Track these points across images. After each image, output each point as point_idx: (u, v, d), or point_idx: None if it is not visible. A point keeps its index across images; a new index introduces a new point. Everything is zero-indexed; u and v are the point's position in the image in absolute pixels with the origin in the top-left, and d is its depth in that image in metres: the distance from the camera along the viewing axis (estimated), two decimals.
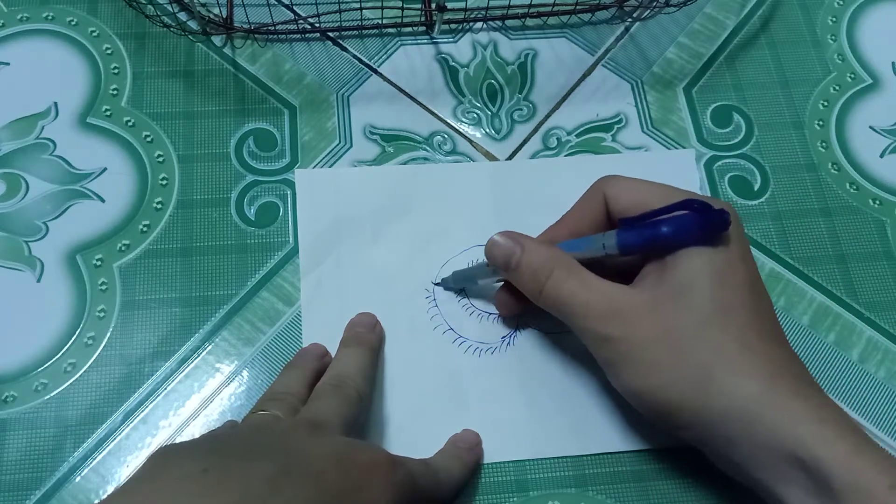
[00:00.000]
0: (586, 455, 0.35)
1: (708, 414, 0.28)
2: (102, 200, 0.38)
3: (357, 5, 0.43)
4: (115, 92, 0.41)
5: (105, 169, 0.39)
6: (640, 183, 0.32)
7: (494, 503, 0.34)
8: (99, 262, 0.37)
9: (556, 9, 0.44)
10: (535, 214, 0.39)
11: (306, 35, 0.43)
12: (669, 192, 0.31)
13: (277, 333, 0.36)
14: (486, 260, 0.34)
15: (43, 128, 0.40)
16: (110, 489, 0.33)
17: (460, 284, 0.38)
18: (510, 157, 0.41)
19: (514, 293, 0.34)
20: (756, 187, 0.41)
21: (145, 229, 0.38)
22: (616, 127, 0.42)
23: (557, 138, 0.42)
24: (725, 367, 0.28)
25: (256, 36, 0.43)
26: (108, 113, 0.40)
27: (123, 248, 0.38)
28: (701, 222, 0.29)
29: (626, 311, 0.30)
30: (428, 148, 0.41)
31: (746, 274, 0.29)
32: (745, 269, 0.29)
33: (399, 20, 0.44)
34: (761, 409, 0.27)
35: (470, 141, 0.41)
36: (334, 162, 0.40)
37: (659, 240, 0.29)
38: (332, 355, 0.35)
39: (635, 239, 0.30)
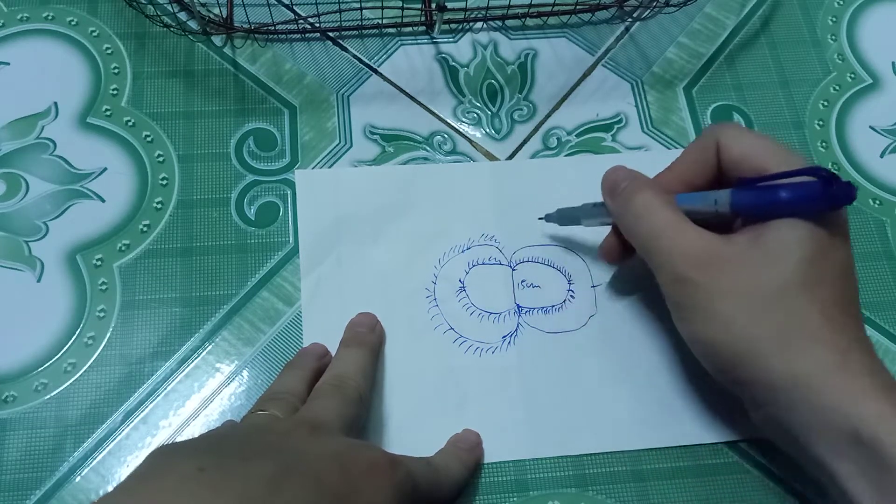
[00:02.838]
0: (586, 455, 0.35)
1: (775, 374, 0.28)
2: (102, 200, 0.38)
3: (357, 5, 0.43)
4: (115, 92, 0.41)
5: (105, 169, 0.39)
6: (756, 137, 0.31)
7: (494, 503, 0.34)
8: (99, 262, 0.37)
9: (556, 9, 0.44)
10: (536, 214, 0.39)
11: (306, 35, 0.43)
12: (786, 154, 0.30)
13: (277, 333, 0.36)
14: (590, 202, 0.35)
15: (43, 128, 0.40)
16: (110, 489, 0.33)
17: (564, 223, 0.38)
18: (510, 157, 0.41)
19: (620, 239, 0.35)
20: None
21: (145, 229, 0.38)
22: (616, 127, 0.42)
23: (557, 138, 0.42)
24: (804, 333, 0.28)
25: (256, 36, 0.43)
26: (108, 113, 0.40)
27: (123, 248, 0.38)
28: (826, 193, 0.28)
29: (715, 260, 0.29)
30: (428, 148, 0.41)
31: (844, 254, 0.30)
32: (843, 250, 0.30)
33: (399, 20, 0.44)
34: (829, 378, 0.27)
35: (470, 141, 0.41)
36: (334, 162, 0.40)
37: (776, 204, 0.29)
38: (333, 355, 0.35)
39: (751, 200, 0.29)
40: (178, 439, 0.34)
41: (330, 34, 0.44)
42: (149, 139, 0.40)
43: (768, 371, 0.29)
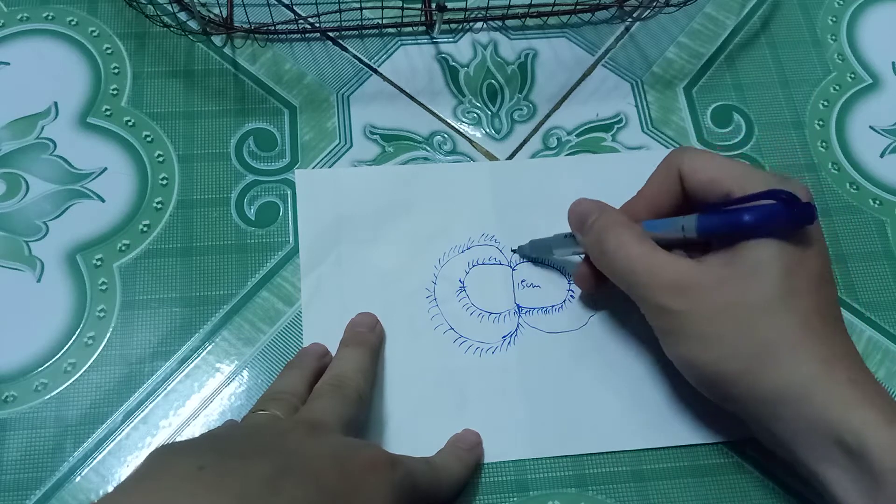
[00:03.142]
0: (586, 455, 0.35)
1: (761, 389, 0.29)
2: (102, 200, 0.38)
3: (357, 5, 0.43)
4: (115, 92, 0.41)
5: (105, 169, 0.39)
6: (716, 159, 0.32)
7: (494, 503, 0.34)
8: (99, 262, 0.37)
9: (556, 9, 0.44)
10: (535, 214, 0.39)
11: (306, 35, 0.43)
12: (748, 173, 0.31)
13: (277, 333, 0.36)
14: (561, 233, 0.36)
15: (43, 128, 0.40)
16: (110, 489, 0.33)
17: (536, 254, 0.38)
18: (510, 157, 0.41)
19: (593, 269, 0.35)
20: None
21: (145, 229, 0.38)
22: (616, 127, 0.42)
23: (557, 138, 0.42)
24: (785, 346, 0.28)
25: (256, 36, 0.43)
26: (108, 113, 0.41)
27: (123, 248, 0.38)
28: (787, 215, 0.28)
29: (692, 286, 0.30)
30: (428, 148, 0.41)
31: (818, 263, 0.30)
32: (817, 259, 0.30)
33: (399, 20, 0.44)
34: (814, 389, 0.28)
35: (470, 141, 0.41)
36: (334, 162, 0.40)
37: (740, 227, 0.29)
38: (333, 355, 0.35)
39: (716, 224, 0.30)
40: (178, 439, 0.34)
41: (330, 34, 0.44)
42: (149, 139, 0.40)
43: (755, 387, 0.29)
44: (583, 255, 0.36)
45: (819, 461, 0.28)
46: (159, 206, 0.39)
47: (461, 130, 0.42)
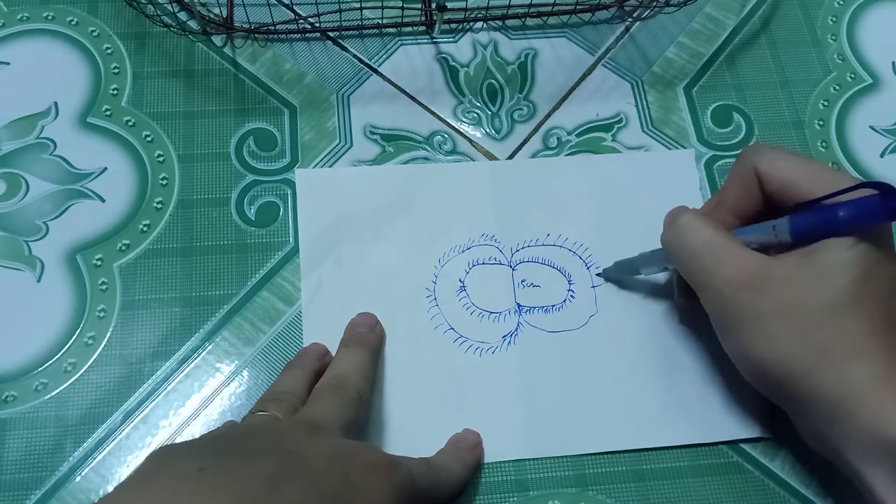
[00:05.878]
0: (586, 455, 0.35)
1: (818, 391, 0.29)
2: (102, 200, 0.38)
3: (357, 5, 0.43)
4: (115, 92, 0.41)
5: (105, 169, 0.39)
6: (795, 158, 0.31)
7: (494, 503, 0.34)
8: (99, 262, 0.37)
9: (556, 9, 0.44)
10: (535, 214, 0.39)
11: (306, 35, 0.43)
12: (828, 174, 0.30)
13: (277, 333, 0.36)
14: (648, 250, 0.35)
15: (43, 128, 0.40)
16: (110, 489, 0.33)
17: (622, 274, 0.38)
18: (510, 157, 0.41)
19: (683, 282, 0.34)
20: None
21: (145, 229, 0.38)
22: (616, 127, 0.42)
23: (557, 138, 0.42)
24: (846, 349, 0.28)
25: (256, 36, 0.43)
26: (108, 113, 0.40)
27: (123, 248, 0.38)
28: (886, 207, 0.27)
29: (761, 281, 0.29)
30: (428, 148, 0.41)
31: (892, 270, 0.29)
32: (892, 266, 0.29)
33: (399, 20, 0.44)
34: (870, 393, 0.28)
35: (470, 141, 0.41)
36: (334, 162, 0.40)
37: (836, 224, 0.28)
38: (333, 355, 0.35)
39: (810, 223, 0.29)
40: (178, 439, 0.34)
41: (330, 34, 0.44)
42: (149, 139, 0.40)
43: (813, 387, 0.29)
44: (671, 271, 0.36)
45: (868, 464, 0.28)
46: (159, 206, 0.39)
47: (461, 130, 0.42)
